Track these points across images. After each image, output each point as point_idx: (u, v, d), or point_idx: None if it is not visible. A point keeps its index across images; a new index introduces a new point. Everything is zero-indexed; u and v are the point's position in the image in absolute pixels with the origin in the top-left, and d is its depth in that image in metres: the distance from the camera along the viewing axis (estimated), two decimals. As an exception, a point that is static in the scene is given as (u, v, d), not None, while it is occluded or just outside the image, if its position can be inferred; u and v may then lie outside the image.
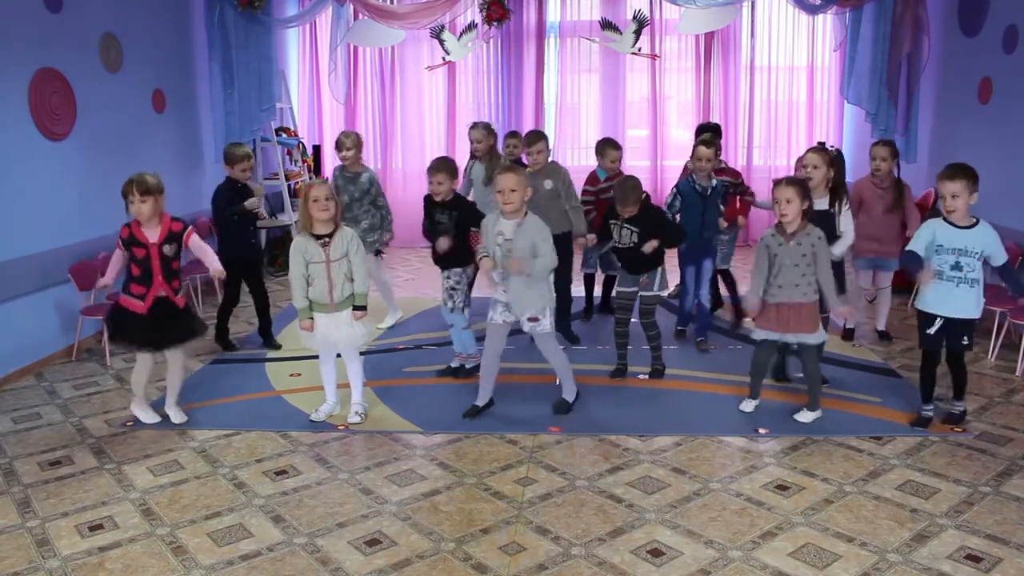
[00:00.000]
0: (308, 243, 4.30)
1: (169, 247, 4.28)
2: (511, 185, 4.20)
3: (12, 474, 3.95)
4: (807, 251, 4.28)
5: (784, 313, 4.34)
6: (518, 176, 4.24)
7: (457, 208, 4.93)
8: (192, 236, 4.37)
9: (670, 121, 9.94)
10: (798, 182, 4.31)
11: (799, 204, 4.24)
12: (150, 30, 6.86)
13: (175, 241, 4.30)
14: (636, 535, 3.36)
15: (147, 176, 4.23)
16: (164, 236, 4.26)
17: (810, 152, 4.99)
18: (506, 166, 4.57)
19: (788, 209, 4.25)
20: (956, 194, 4.08)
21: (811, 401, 4.48)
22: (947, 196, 4.11)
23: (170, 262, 4.30)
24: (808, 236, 4.29)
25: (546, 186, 5.50)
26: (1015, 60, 6.20)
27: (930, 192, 7.22)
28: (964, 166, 4.15)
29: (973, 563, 3.14)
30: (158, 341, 4.34)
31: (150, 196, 4.20)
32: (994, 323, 5.63)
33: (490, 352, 4.49)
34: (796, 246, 4.29)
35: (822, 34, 9.41)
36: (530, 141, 5.64)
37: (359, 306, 4.37)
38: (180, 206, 7.34)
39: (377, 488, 3.77)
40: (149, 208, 4.20)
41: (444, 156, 5.37)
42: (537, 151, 5.56)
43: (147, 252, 4.24)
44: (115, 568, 3.15)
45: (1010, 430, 4.38)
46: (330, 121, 10.10)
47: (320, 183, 4.30)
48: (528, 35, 9.59)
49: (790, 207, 4.24)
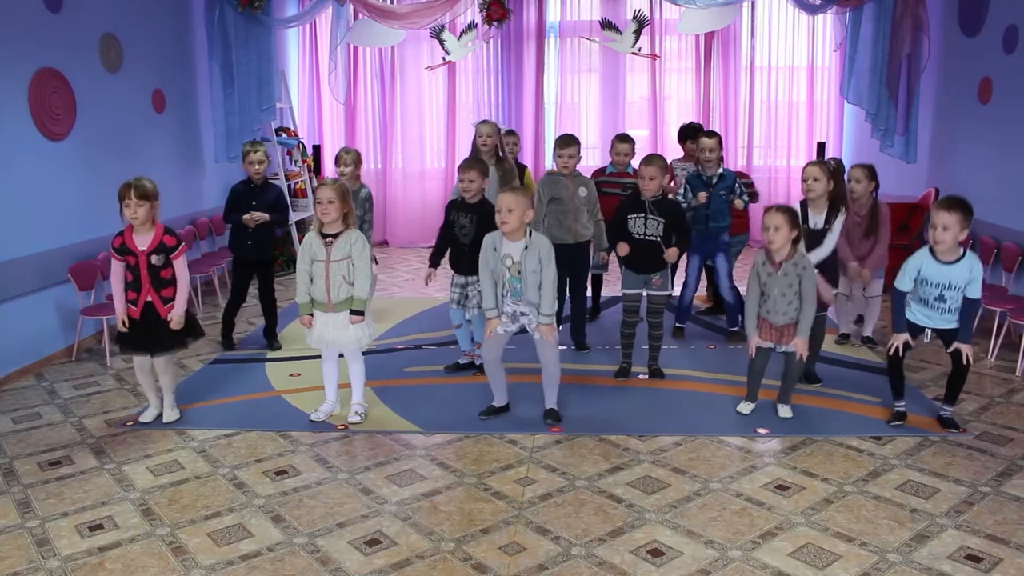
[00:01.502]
0: (315, 241, 4.32)
1: (157, 257, 4.25)
2: (509, 204, 4.12)
3: (12, 474, 3.95)
4: (793, 280, 4.30)
5: (778, 329, 4.40)
6: (517, 196, 4.17)
7: (481, 210, 4.85)
8: (179, 258, 4.31)
9: (670, 121, 9.92)
10: (787, 210, 4.29)
11: (787, 232, 4.23)
12: (150, 30, 6.86)
13: (164, 253, 4.26)
14: (636, 535, 3.36)
15: (145, 181, 4.22)
16: (154, 246, 4.24)
17: (810, 166, 4.93)
18: (509, 187, 4.44)
19: (775, 237, 4.24)
20: (948, 227, 4.03)
21: (783, 395, 4.57)
22: (938, 226, 4.05)
23: (158, 271, 4.28)
24: (795, 266, 4.30)
25: (581, 193, 5.39)
26: (1015, 60, 6.20)
27: (930, 192, 7.23)
28: (962, 201, 4.08)
29: (973, 563, 3.14)
30: (148, 345, 4.34)
31: (146, 201, 4.18)
32: (994, 323, 5.63)
33: (491, 360, 4.47)
34: (783, 276, 4.30)
35: (822, 34, 9.42)
36: (562, 144, 5.46)
37: (356, 310, 4.34)
38: (180, 206, 7.37)
39: (377, 488, 3.77)
40: (144, 213, 4.18)
41: (474, 156, 5.34)
42: (569, 155, 5.38)
43: (136, 260, 4.25)
44: (115, 568, 3.15)
45: (1010, 430, 4.38)
46: (330, 121, 10.11)
47: (325, 185, 4.29)
48: (528, 35, 9.60)
49: (777, 234, 4.23)
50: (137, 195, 4.15)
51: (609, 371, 5.25)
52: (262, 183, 5.77)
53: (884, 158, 7.70)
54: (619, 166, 6.08)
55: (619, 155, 6.07)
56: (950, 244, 4.07)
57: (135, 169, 6.55)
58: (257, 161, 5.70)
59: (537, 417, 4.50)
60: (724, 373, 5.21)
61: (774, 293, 4.34)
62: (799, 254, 4.32)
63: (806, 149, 9.78)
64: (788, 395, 4.57)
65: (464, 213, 4.92)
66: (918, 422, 4.44)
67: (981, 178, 6.69)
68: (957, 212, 4.02)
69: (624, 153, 6.06)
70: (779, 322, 4.37)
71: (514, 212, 4.13)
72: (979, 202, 6.69)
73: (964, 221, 4.04)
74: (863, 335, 5.90)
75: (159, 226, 4.29)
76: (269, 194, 5.77)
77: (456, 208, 4.98)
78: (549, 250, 4.26)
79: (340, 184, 4.35)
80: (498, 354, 4.47)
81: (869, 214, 5.42)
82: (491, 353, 4.47)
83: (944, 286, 4.12)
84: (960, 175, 7.04)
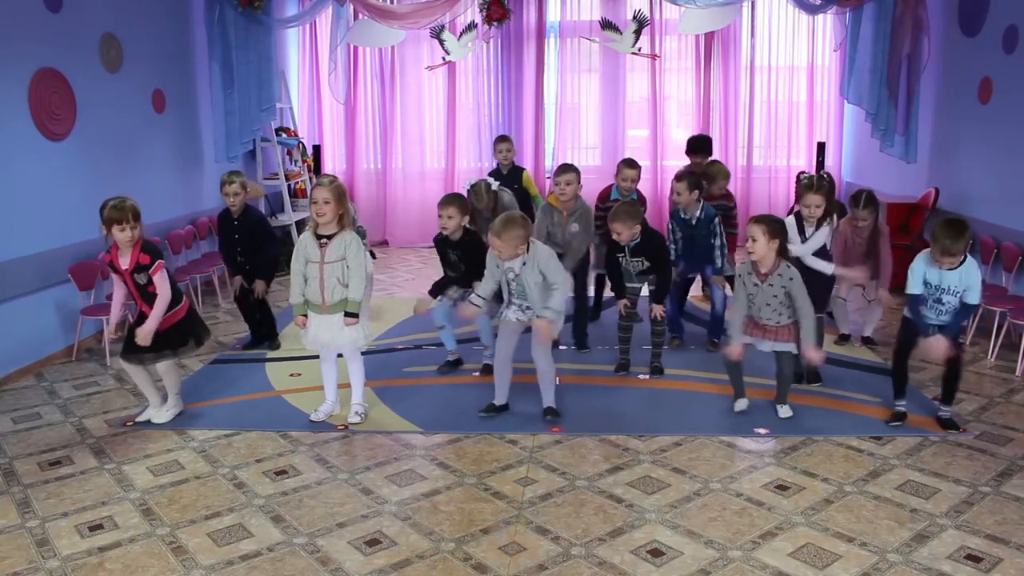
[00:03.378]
0: (310, 242, 4.31)
1: (139, 275, 4.26)
2: (499, 248, 4.19)
3: (12, 474, 3.95)
4: (779, 292, 4.30)
5: (761, 326, 4.41)
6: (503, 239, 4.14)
7: (467, 245, 4.89)
8: (157, 274, 4.26)
9: (670, 121, 9.94)
10: (766, 220, 4.28)
11: (765, 242, 4.22)
12: (150, 30, 6.86)
13: (143, 271, 4.25)
14: (636, 535, 3.36)
15: (132, 202, 4.19)
16: (132, 266, 4.24)
17: (812, 193, 4.87)
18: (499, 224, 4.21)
19: (754, 247, 4.24)
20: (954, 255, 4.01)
21: (780, 396, 4.57)
22: (945, 263, 4.05)
23: (145, 287, 4.28)
24: (780, 277, 4.29)
25: (572, 228, 5.36)
26: (1015, 60, 6.20)
27: (930, 192, 7.23)
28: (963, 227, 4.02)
29: (973, 563, 3.14)
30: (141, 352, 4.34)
31: (137, 223, 4.18)
32: (994, 323, 5.63)
33: (503, 353, 4.48)
34: (768, 287, 4.30)
35: (822, 34, 9.42)
36: (559, 172, 5.38)
37: (350, 312, 4.32)
38: (180, 206, 7.37)
39: (377, 488, 3.77)
40: (138, 234, 4.20)
41: (456, 192, 5.33)
42: (566, 182, 5.30)
43: (124, 277, 4.28)
44: (115, 568, 3.15)
45: (1010, 430, 4.38)
46: (330, 121, 10.11)
47: (322, 186, 4.25)
48: (528, 35, 9.59)
49: (756, 245, 4.23)
50: (133, 216, 4.15)
51: (609, 371, 5.25)
52: (241, 213, 5.59)
53: (884, 158, 7.71)
54: (624, 192, 6.01)
55: (625, 180, 5.98)
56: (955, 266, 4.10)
57: (135, 169, 6.59)
58: (232, 193, 5.49)
59: (537, 417, 4.50)
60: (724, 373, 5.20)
61: (759, 302, 4.36)
62: (784, 265, 4.31)
63: (806, 149, 9.78)
64: (785, 395, 4.57)
65: (451, 249, 4.95)
66: (918, 422, 4.44)
67: (981, 178, 6.69)
68: (960, 242, 4.01)
69: (630, 179, 5.98)
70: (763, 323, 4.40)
71: (505, 251, 4.19)
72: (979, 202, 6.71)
73: (966, 245, 4.06)
74: (863, 335, 5.90)
75: (137, 243, 4.25)
76: (249, 224, 5.62)
77: (443, 244, 5.00)
78: (548, 258, 4.26)
79: (337, 185, 4.32)
80: (511, 349, 4.46)
81: (870, 237, 5.41)
82: (505, 347, 4.45)
83: (944, 290, 4.14)
84: (960, 175, 7.04)
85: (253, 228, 5.63)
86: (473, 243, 4.90)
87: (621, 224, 4.83)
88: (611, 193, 6.10)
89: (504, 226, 4.18)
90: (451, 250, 4.95)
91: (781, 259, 4.31)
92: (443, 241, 4.99)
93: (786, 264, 4.32)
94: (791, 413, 4.52)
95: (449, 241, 4.93)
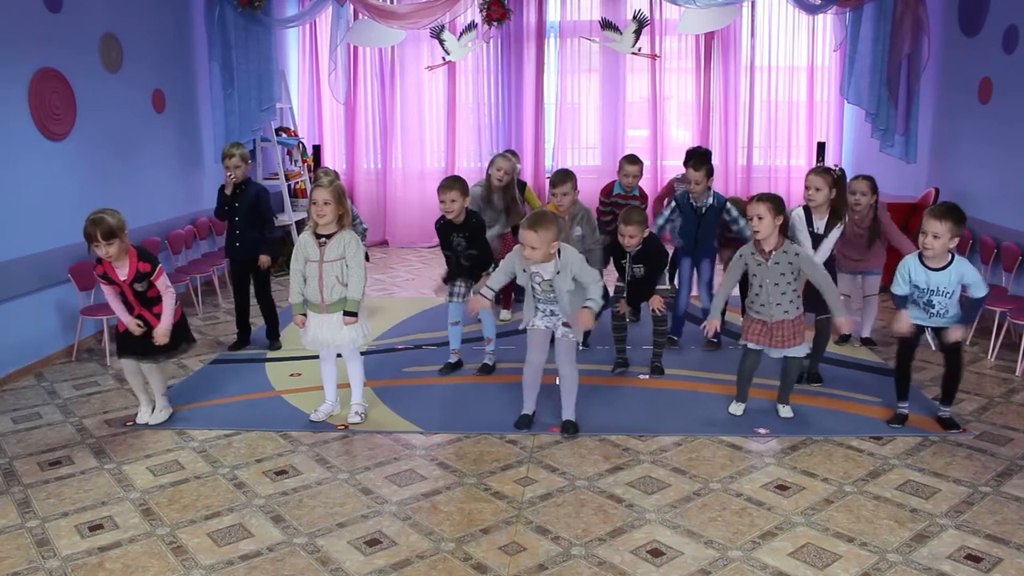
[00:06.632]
0: (309, 241, 4.31)
1: (139, 284, 4.25)
2: (532, 243, 3.95)
3: (12, 474, 3.95)
4: (785, 269, 4.29)
5: (769, 328, 4.37)
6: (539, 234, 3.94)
7: (471, 226, 4.88)
8: (160, 277, 4.28)
9: (670, 121, 9.94)
10: (769, 198, 4.27)
11: (771, 220, 4.22)
12: (150, 30, 6.86)
13: (144, 280, 4.25)
14: (636, 535, 3.36)
15: (107, 217, 4.09)
16: (132, 276, 4.22)
17: (812, 174, 4.90)
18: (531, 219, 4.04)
19: (760, 225, 4.23)
20: (938, 235, 4.02)
21: (782, 396, 4.58)
22: (928, 234, 4.05)
23: (144, 293, 4.28)
24: (785, 254, 4.29)
25: (576, 233, 5.31)
26: (1015, 60, 6.20)
27: (930, 192, 7.22)
28: (953, 209, 4.07)
29: (973, 563, 3.14)
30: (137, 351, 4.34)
31: (115, 238, 4.10)
32: (994, 323, 5.63)
33: (535, 364, 4.32)
34: (774, 264, 4.29)
35: (822, 34, 9.42)
36: (555, 183, 5.30)
37: (349, 312, 4.32)
38: (180, 206, 7.37)
39: (377, 488, 3.77)
40: (116, 249, 4.13)
41: (455, 175, 5.25)
42: (563, 192, 5.24)
43: (120, 288, 4.26)
44: (115, 568, 3.15)
45: (1010, 430, 4.38)
46: (330, 121, 10.11)
47: (321, 186, 4.25)
48: (528, 35, 9.59)
49: (762, 223, 4.22)
50: (103, 236, 4.06)
51: (609, 371, 5.25)
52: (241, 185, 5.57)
53: (884, 158, 7.71)
54: (627, 188, 6.04)
55: (627, 176, 6.01)
56: (939, 252, 4.07)
57: (135, 169, 6.60)
58: (233, 166, 5.48)
59: (538, 417, 4.49)
60: (724, 373, 5.21)
61: (766, 283, 4.31)
62: (787, 242, 4.32)
63: (806, 149, 9.78)
64: (787, 395, 4.57)
65: (456, 232, 4.93)
66: (918, 422, 4.44)
67: (981, 178, 6.69)
68: (948, 221, 4.01)
69: (633, 175, 6.01)
70: (774, 317, 4.33)
71: (538, 250, 3.98)
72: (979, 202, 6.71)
73: (955, 229, 4.03)
74: (862, 335, 5.90)
75: (132, 252, 4.23)
76: (248, 196, 5.59)
77: (446, 229, 4.97)
78: (579, 261, 4.13)
79: (337, 185, 4.32)
80: (543, 360, 4.33)
81: (871, 225, 5.42)
82: (538, 358, 4.32)
83: (932, 291, 4.13)
84: (960, 175, 7.04)
85: (253, 200, 5.60)
86: (479, 224, 4.92)
87: (636, 227, 4.84)
88: (614, 188, 6.12)
89: (539, 220, 3.97)
90: (456, 233, 4.92)
91: (783, 236, 4.31)
92: (446, 225, 4.96)
93: (789, 241, 4.33)
94: (792, 414, 4.52)
95: (453, 225, 4.91)
